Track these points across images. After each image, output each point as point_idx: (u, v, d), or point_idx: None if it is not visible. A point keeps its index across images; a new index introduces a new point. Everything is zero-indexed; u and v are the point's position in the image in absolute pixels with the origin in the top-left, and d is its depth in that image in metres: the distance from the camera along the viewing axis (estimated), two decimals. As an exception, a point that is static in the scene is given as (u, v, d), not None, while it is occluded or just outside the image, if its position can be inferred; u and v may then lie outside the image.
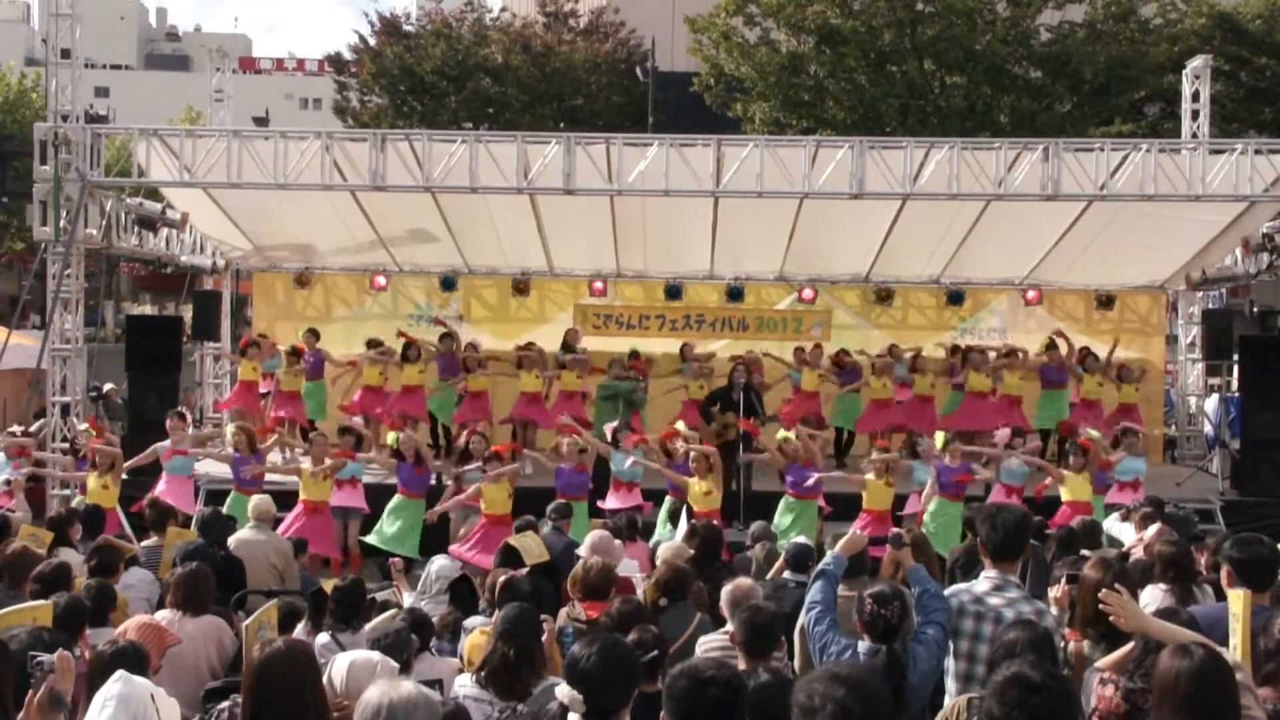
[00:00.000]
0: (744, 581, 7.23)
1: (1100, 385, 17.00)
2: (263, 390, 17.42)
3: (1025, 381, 17.06)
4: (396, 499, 13.65)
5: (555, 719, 4.44)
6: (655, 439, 14.13)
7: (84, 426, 14.48)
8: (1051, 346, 17.50)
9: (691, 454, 13.04)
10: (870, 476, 13.16)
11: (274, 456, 14.78)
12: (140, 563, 9.38)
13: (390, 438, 14.10)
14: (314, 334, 17.67)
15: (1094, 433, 14.16)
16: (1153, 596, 7.13)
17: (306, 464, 13.57)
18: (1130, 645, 5.24)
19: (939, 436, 13.96)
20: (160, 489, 13.48)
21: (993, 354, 17.32)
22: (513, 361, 17.34)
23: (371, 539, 13.43)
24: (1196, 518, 11.00)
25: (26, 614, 5.67)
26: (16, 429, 14.35)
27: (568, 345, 17.54)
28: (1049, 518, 12.18)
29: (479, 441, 13.60)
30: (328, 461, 13.45)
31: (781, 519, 13.14)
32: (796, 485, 13.34)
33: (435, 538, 13.22)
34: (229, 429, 14.35)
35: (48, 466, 14.57)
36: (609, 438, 13.99)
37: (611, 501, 13.59)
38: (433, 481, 14.20)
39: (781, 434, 13.85)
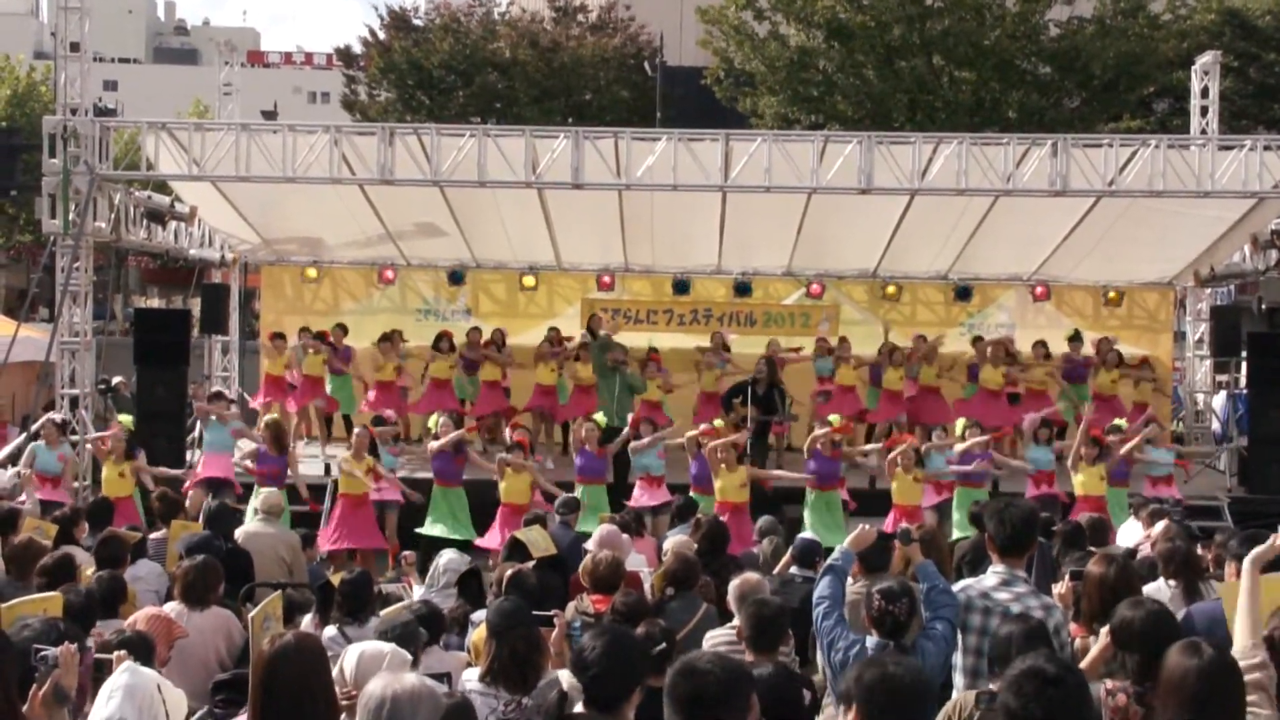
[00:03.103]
0: (751, 576, 7.24)
1: (1114, 383, 16.99)
2: (291, 382, 17.53)
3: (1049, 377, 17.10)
4: (436, 491, 13.79)
5: (554, 707, 4.44)
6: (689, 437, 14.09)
7: (126, 417, 14.53)
8: (1075, 338, 17.52)
9: (720, 446, 13.05)
10: (899, 471, 13.16)
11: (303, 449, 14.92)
12: (148, 554, 9.43)
13: (432, 420, 14.20)
14: (343, 328, 17.66)
15: (1120, 422, 14.17)
16: (1159, 593, 7.13)
17: (344, 453, 13.67)
18: (1103, 643, 5.26)
19: (959, 423, 13.99)
20: (202, 466, 13.70)
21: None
22: (531, 354, 17.30)
23: (431, 531, 13.48)
24: (1180, 513, 11.00)
25: (37, 604, 5.68)
26: (56, 416, 14.37)
27: (592, 330, 17.51)
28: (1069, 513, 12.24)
29: (521, 432, 14.18)
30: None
31: (808, 517, 13.10)
32: (818, 476, 13.32)
33: (486, 522, 13.56)
34: (266, 417, 14.39)
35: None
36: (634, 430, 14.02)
37: (637, 498, 13.58)
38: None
39: (834, 417, 13.87)
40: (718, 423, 14.11)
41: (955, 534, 12.77)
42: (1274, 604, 5.23)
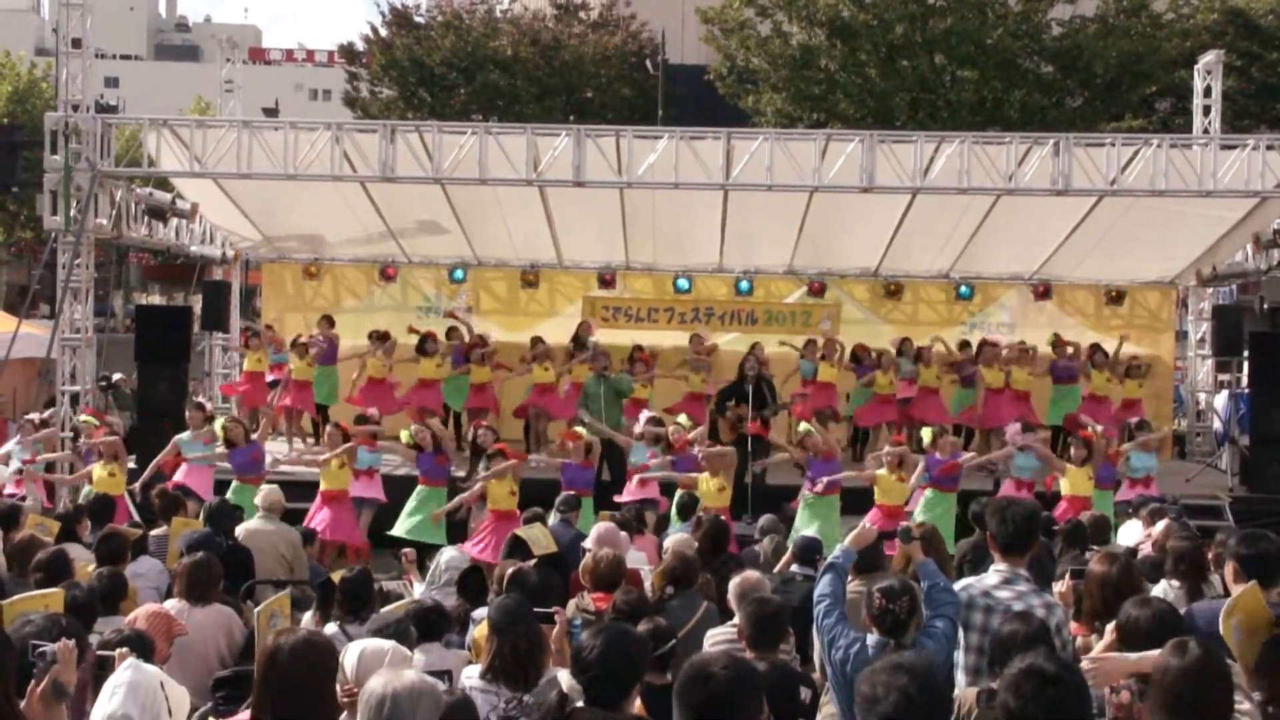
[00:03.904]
0: (752, 574, 7.22)
1: (1109, 382, 16.99)
2: (272, 379, 17.50)
3: (1035, 378, 17.03)
4: (419, 489, 13.69)
5: (554, 706, 4.45)
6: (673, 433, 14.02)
7: (84, 416, 14.58)
8: (1056, 343, 17.51)
9: (705, 451, 13.00)
10: (882, 471, 13.09)
11: (271, 446, 14.84)
12: (149, 551, 9.42)
13: (404, 435, 14.10)
14: (329, 321, 17.66)
15: (1098, 427, 14.12)
16: (1162, 592, 7.13)
17: (325, 454, 13.62)
18: (1106, 641, 5.25)
19: (926, 431, 13.90)
20: (180, 476, 13.62)
21: (1005, 349, 17.29)
22: (523, 358, 17.24)
23: (397, 531, 13.30)
24: (1178, 511, 10.97)
25: (39, 601, 5.69)
26: (36, 417, 14.39)
27: (579, 339, 17.48)
28: (1050, 511, 12.19)
29: (485, 434, 13.81)
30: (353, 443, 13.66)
31: (801, 521, 13.02)
32: (813, 479, 13.27)
33: (460, 526, 13.40)
34: (218, 423, 14.09)
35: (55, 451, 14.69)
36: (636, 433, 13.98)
37: (628, 495, 13.47)
38: (457, 473, 14.21)
39: (804, 426, 13.80)
40: (682, 418, 14.09)
41: None
42: (1252, 614, 5.21)
